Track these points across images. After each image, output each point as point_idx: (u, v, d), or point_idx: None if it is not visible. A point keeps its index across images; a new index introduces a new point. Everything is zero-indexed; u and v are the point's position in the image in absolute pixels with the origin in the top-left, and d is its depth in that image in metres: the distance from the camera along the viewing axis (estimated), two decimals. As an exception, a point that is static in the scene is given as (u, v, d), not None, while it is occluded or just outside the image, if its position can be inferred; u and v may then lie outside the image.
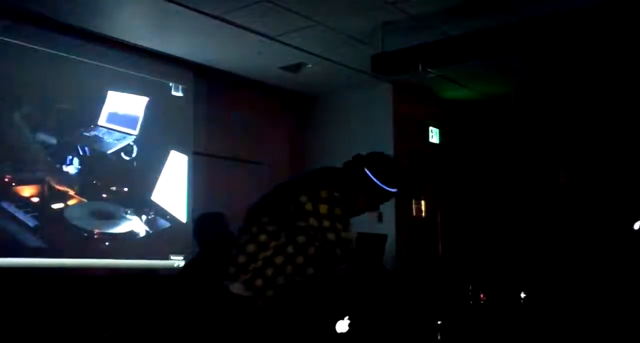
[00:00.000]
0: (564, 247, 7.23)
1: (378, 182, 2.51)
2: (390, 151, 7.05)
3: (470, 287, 6.00)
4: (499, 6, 5.05)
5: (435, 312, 5.54)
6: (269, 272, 2.42)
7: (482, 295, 6.01)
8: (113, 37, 5.71)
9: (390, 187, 2.53)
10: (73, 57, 5.56)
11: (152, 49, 5.99)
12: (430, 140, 7.60)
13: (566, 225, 7.39)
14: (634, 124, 7.28)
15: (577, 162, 7.76)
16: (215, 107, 6.71)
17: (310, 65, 6.44)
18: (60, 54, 5.47)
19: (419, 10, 5.16)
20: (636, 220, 6.67)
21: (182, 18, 5.23)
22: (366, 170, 2.52)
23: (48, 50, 5.41)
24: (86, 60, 5.63)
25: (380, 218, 6.98)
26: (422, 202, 7.39)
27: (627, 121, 7.36)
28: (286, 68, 6.50)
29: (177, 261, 5.94)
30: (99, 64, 5.73)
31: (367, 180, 2.52)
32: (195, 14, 5.14)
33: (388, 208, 6.98)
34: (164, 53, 6.08)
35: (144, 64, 6.04)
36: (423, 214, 7.37)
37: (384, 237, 6.26)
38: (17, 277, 4.90)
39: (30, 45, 5.28)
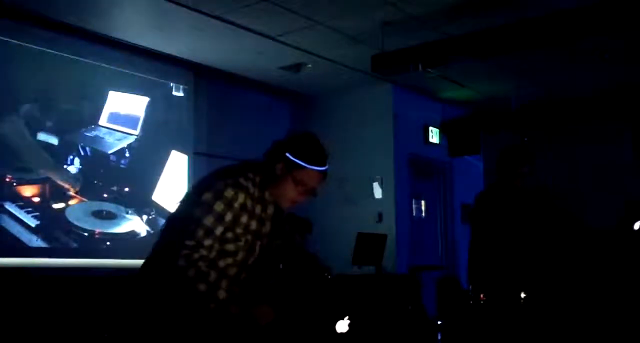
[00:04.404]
0: (564, 247, 7.23)
1: (303, 163, 2.33)
2: (390, 151, 7.07)
3: (470, 287, 6.00)
4: (499, 6, 5.06)
5: (435, 312, 5.55)
6: None
7: (482, 295, 6.01)
8: (113, 37, 5.72)
9: (317, 166, 2.34)
10: (73, 57, 5.57)
11: (152, 49, 6.00)
12: (430, 140, 7.60)
13: (566, 226, 7.38)
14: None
15: (576, 161, 7.76)
16: (215, 107, 6.71)
17: (310, 65, 6.45)
18: (60, 54, 5.48)
19: (419, 10, 5.17)
20: (636, 220, 6.67)
21: (182, 18, 5.24)
22: (288, 154, 2.38)
23: (48, 50, 5.42)
24: (87, 60, 5.65)
25: (380, 218, 6.99)
26: (422, 202, 7.39)
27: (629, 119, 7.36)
28: (286, 68, 6.51)
29: (178, 261, 5.95)
30: (100, 64, 5.75)
31: (292, 164, 2.36)
32: (195, 14, 5.15)
33: (388, 208, 7.00)
34: (164, 53, 6.09)
35: (144, 64, 6.06)
36: (423, 214, 7.37)
37: (383, 237, 6.28)
38: (19, 276, 4.90)
39: (31, 45, 5.30)
